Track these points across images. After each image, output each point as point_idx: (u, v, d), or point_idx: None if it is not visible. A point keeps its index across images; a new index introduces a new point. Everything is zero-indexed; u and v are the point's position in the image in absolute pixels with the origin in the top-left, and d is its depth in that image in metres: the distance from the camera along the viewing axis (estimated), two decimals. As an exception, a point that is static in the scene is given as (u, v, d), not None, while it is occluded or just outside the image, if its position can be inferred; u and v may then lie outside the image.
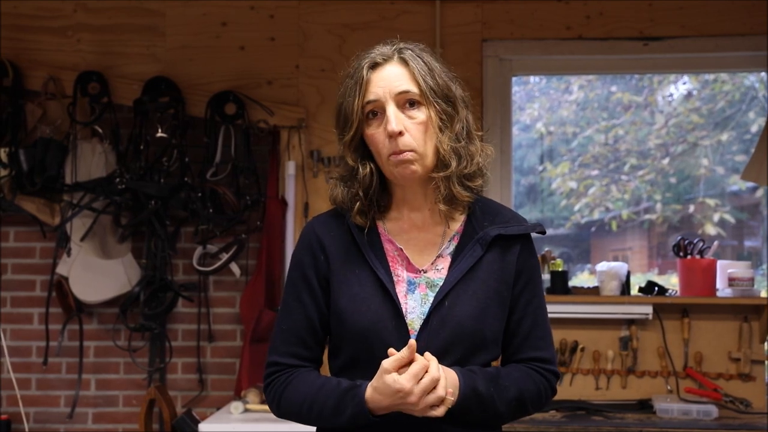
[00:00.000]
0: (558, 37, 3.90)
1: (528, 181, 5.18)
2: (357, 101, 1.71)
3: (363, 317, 1.70)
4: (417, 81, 1.71)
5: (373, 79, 1.72)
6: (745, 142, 4.95)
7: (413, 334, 1.70)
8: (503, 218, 1.80)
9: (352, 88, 1.73)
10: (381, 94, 1.70)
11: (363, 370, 1.70)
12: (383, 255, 1.76)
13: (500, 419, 1.77)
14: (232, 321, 3.92)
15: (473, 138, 1.77)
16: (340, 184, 1.80)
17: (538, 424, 3.28)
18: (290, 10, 3.95)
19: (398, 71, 1.72)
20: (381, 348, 1.67)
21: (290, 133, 3.86)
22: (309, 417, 1.73)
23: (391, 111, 1.69)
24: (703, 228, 4.89)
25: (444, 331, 1.69)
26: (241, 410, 3.38)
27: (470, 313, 1.70)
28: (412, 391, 1.58)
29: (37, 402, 3.92)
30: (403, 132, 1.68)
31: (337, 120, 1.78)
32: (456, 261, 1.75)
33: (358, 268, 1.74)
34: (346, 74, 1.77)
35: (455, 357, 1.70)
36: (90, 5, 3.96)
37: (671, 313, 3.75)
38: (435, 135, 1.71)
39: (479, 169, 1.76)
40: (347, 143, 1.75)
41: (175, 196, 3.72)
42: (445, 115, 1.72)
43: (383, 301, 1.71)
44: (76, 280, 3.78)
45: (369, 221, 1.77)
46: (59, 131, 3.81)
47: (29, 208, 3.78)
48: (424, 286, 1.74)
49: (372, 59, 1.74)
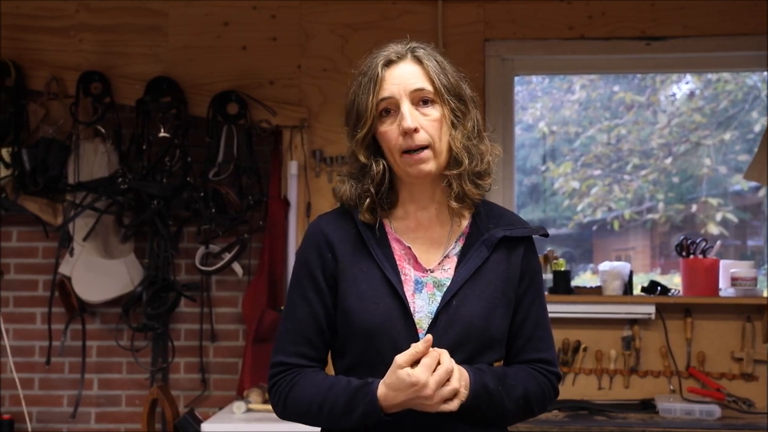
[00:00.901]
0: (560, 37, 3.90)
1: (530, 181, 5.17)
2: (371, 98, 1.71)
3: (371, 316, 1.70)
4: (431, 79, 1.72)
5: (388, 77, 1.72)
6: (748, 142, 4.95)
7: (421, 334, 1.70)
8: (507, 221, 1.82)
9: (366, 85, 1.73)
10: (396, 91, 1.71)
11: (369, 370, 1.69)
12: (391, 253, 1.75)
13: (507, 418, 1.77)
14: (234, 321, 3.92)
15: (483, 137, 1.79)
16: (349, 181, 1.79)
17: (542, 423, 3.28)
18: (292, 10, 3.95)
19: (412, 69, 1.73)
20: (389, 347, 1.67)
21: (292, 133, 3.86)
22: (318, 418, 1.71)
23: (406, 108, 1.70)
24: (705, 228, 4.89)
25: (452, 331, 1.69)
26: (243, 410, 3.38)
27: (478, 313, 1.71)
28: (428, 383, 1.57)
29: (40, 402, 3.92)
30: (418, 129, 1.69)
31: (348, 117, 1.78)
32: (462, 261, 1.75)
33: (366, 267, 1.74)
34: (359, 72, 1.77)
35: (463, 356, 1.69)
36: (92, 5, 3.97)
37: (674, 312, 3.74)
38: (448, 132, 1.73)
39: (488, 167, 1.78)
40: (360, 140, 1.74)
41: (177, 196, 3.73)
42: (458, 113, 1.74)
43: (392, 299, 1.70)
44: (79, 279, 3.78)
45: (376, 219, 1.77)
46: (62, 131, 3.81)
47: (32, 208, 3.78)
48: (431, 286, 1.74)
49: (386, 57, 1.74)
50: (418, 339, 1.67)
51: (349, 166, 1.81)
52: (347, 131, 1.79)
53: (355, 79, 1.78)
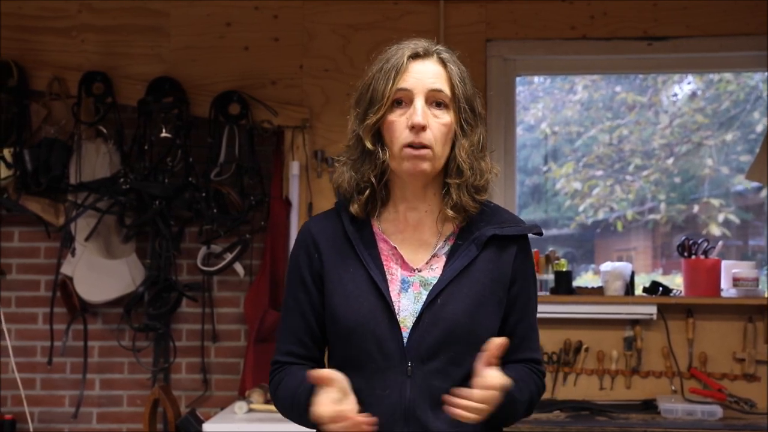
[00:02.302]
0: (562, 37, 3.90)
1: (532, 182, 5.17)
2: (390, 86, 1.70)
3: (355, 315, 1.70)
4: (452, 84, 1.73)
5: (411, 69, 1.71)
6: (750, 142, 4.94)
7: (405, 332, 1.69)
8: (500, 219, 1.79)
9: (387, 72, 1.71)
10: (414, 84, 1.70)
11: (356, 368, 1.70)
12: (377, 254, 1.75)
13: (513, 421, 1.77)
14: (236, 321, 3.92)
15: (485, 155, 1.78)
16: (349, 169, 1.77)
17: (542, 424, 3.28)
18: (294, 11, 3.95)
19: (436, 69, 1.73)
20: (373, 346, 1.68)
21: (294, 133, 3.86)
22: (293, 414, 1.75)
23: (420, 104, 1.69)
24: (707, 228, 4.88)
25: (436, 330, 1.68)
26: (245, 410, 3.38)
27: (463, 311, 1.69)
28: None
29: (42, 402, 3.92)
30: (426, 127, 1.68)
31: (360, 100, 1.76)
32: (451, 260, 1.74)
33: (352, 267, 1.74)
34: (383, 57, 1.75)
35: (448, 355, 1.69)
36: (94, 6, 3.97)
37: (675, 313, 3.74)
38: (453, 140, 1.73)
39: (486, 185, 1.77)
40: (369, 126, 1.72)
41: (179, 196, 3.73)
42: (468, 124, 1.74)
43: (376, 299, 1.70)
44: (81, 280, 3.79)
45: (365, 215, 1.76)
46: (64, 131, 3.82)
47: (34, 208, 3.79)
48: (417, 285, 1.74)
49: (414, 49, 1.73)
50: (402, 338, 1.68)
51: (350, 152, 1.78)
52: (356, 114, 1.76)
53: (375, 63, 1.76)
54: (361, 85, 1.77)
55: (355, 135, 1.76)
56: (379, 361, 1.69)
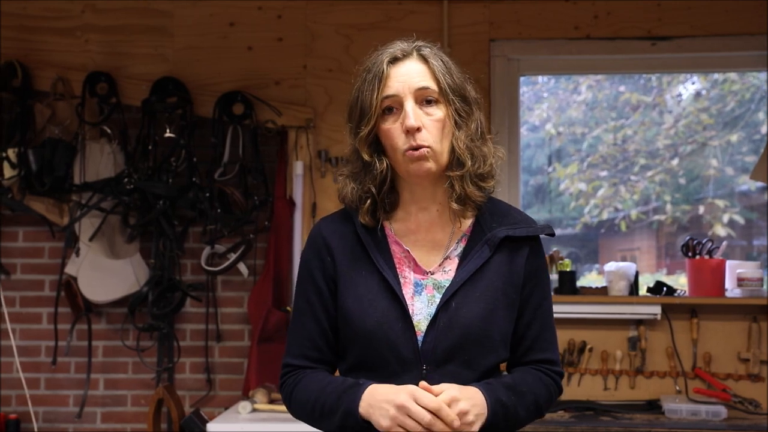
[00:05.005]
0: (566, 37, 3.90)
1: (536, 182, 5.16)
2: (376, 95, 1.69)
3: (369, 318, 1.69)
4: (437, 78, 1.70)
5: (393, 74, 1.70)
6: (755, 142, 4.93)
7: (420, 336, 1.69)
8: (512, 219, 1.78)
9: (370, 82, 1.71)
10: (400, 89, 1.69)
11: (370, 371, 1.70)
12: (390, 256, 1.74)
13: (520, 425, 1.76)
14: (239, 321, 3.92)
15: (486, 139, 1.77)
16: (351, 181, 1.77)
17: (547, 424, 3.28)
18: (298, 11, 3.95)
19: (418, 68, 1.71)
20: (388, 349, 1.67)
21: (298, 133, 3.86)
22: (312, 417, 1.73)
23: (410, 106, 1.68)
24: (712, 228, 4.87)
25: (451, 333, 1.68)
26: (249, 410, 3.38)
27: (477, 314, 1.69)
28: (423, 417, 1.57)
29: (46, 401, 3.93)
30: (420, 128, 1.67)
31: (351, 114, 1.76)
32: (463, 262, 1.73)
33: (365, 270, 1.73)
34: (364, 68, 1.75)
35: (463, 358, 1.69)
36: (98, 6, 3.98)
37: (680, 313, 3.74)
38: (451, 133, 1.71)
39: (491, 170, 1.75)
40: (363, 138, 1.72)
41: (183, 196, 3.73)
42: (461, 114, 1.72)
43: (390, 302, 1.70)
44: (85, 279, 3.79)
45: (377, 221, 1.76)
46: (68, 132, 3.82)
47: (38, 208, 3.80)
48: (431, 288, 1.73)
49: (392, 54, 1.72)
50: (416, 341, 1.68)
51: (351, 165, 1.79)
52: (349, 128, 1.77)
53: (359, 75, 1.76)
54: (350, 99, 1.77)
55: (352, 148, 1.76)
56: (393, 364, 1.68)
